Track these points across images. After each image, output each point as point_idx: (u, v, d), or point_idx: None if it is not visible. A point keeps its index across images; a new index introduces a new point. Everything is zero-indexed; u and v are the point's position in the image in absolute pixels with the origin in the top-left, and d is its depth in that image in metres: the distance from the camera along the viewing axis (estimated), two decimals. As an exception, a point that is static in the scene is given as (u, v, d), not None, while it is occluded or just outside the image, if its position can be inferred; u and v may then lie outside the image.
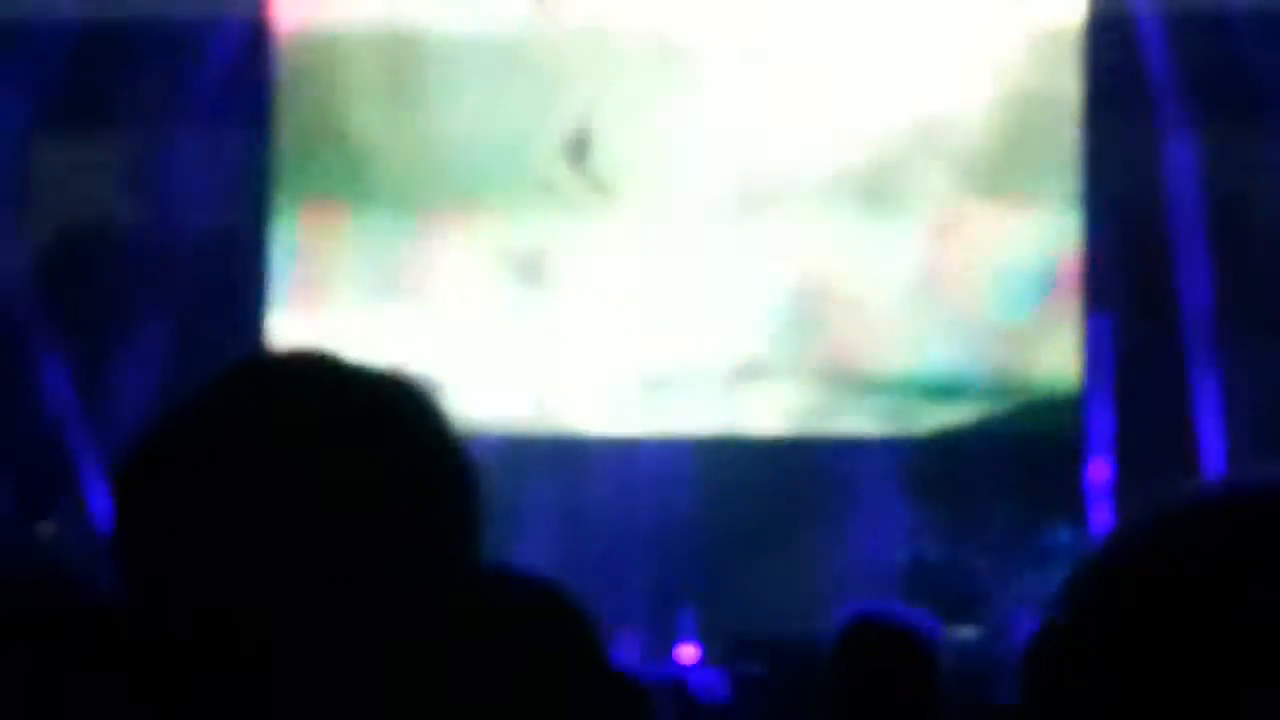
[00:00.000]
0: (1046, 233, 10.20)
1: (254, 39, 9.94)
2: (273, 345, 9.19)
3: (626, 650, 7.97)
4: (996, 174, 10.12)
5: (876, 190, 9.97)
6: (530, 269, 9.78)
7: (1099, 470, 9.84)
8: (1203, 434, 10.01)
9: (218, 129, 9.84)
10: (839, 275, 9.90)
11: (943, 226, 10.01)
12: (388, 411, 1.04)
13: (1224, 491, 0.65)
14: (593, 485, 9.51)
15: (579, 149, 9.78)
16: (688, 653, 9.04)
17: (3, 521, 9.14)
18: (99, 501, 9.05)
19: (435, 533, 1.03)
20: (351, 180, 9.79)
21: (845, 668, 3.12)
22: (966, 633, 8.94)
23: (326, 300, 9.72)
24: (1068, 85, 10.18)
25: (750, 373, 9.77)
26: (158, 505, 1.02)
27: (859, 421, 9.98)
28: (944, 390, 9.95)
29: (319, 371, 1.07)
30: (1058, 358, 10.06)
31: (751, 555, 9.50)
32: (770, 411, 9.89)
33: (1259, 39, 10.07)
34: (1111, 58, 10.10)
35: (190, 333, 9.15)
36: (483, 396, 8.85)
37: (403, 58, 9.88)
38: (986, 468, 9.70)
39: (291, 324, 9.50)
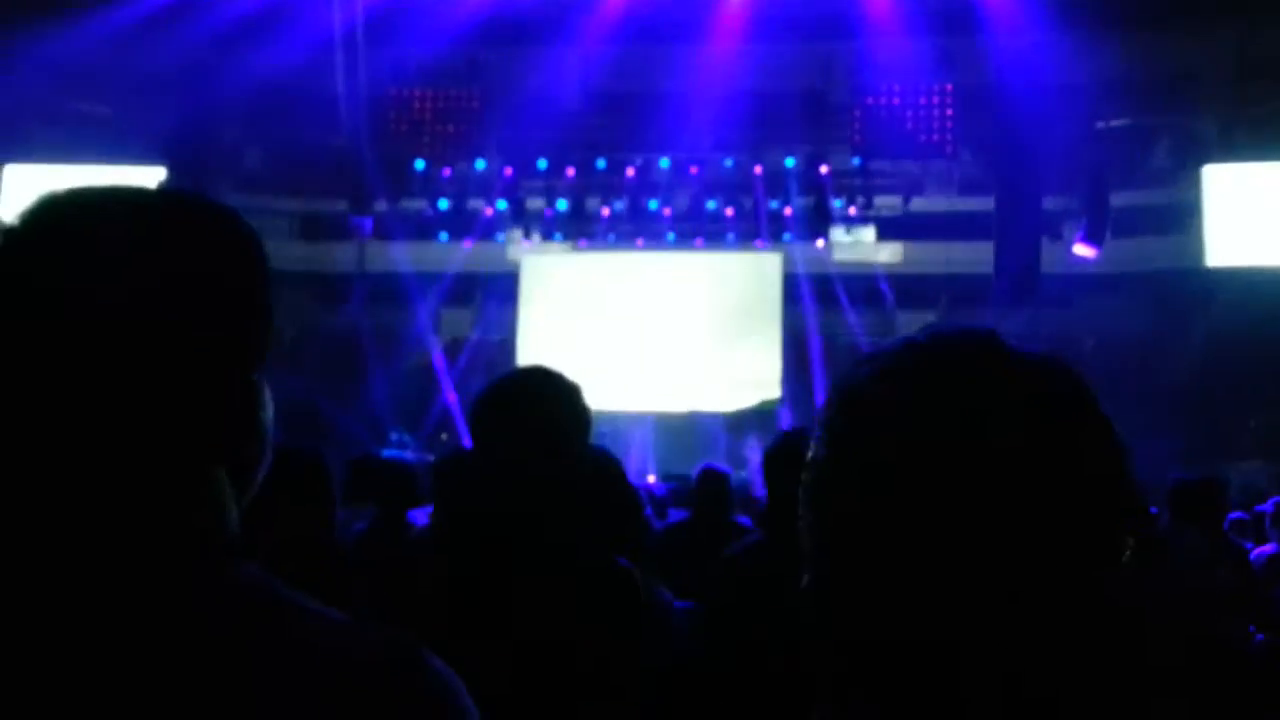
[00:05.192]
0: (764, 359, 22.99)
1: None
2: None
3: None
4: (743, 332, 23.42)
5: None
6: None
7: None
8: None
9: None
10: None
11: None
12: (561, 385, 2.27)
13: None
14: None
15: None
16: (651, 479, 15.15)
17: (427, 437, 23.14)
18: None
19: (577, 435, 2.28)
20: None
21: (700, 483, 6.33)
22: (742, 474, 13.24)
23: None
24: (774, 294, 23.06)
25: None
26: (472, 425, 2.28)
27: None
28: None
29: (546, 378, 2.32)
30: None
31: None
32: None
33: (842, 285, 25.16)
34: (789, 285, 22.38)
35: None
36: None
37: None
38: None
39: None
